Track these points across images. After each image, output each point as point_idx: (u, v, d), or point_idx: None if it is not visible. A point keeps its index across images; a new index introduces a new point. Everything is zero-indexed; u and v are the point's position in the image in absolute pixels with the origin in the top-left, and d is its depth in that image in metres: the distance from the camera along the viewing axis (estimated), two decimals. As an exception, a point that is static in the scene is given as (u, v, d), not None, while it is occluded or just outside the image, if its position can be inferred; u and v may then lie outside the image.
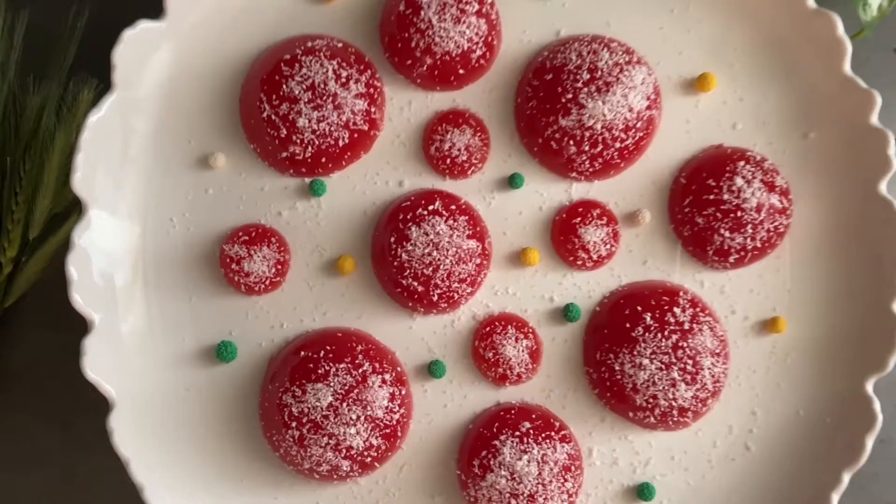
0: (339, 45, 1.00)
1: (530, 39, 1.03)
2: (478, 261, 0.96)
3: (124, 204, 0.88)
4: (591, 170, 0.99)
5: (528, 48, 1.03)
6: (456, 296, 0.96)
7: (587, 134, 0.96)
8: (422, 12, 0.97)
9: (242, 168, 1.00)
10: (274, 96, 0.96)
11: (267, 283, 0.97)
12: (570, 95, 0.96)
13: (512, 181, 1.00)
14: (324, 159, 0.98)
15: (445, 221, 0.94)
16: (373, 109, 0.99)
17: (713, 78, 0.91)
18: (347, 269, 0.98)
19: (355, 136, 0.98)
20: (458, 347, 0.98)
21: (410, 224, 0.94)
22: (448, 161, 0.99)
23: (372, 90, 0.99)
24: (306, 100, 0.95)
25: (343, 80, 0.97)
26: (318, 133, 0.96)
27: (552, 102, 0.97)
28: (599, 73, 0.96)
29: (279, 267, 0.97)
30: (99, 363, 0.82)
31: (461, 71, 0.99)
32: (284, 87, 0.96)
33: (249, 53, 1.01)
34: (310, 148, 0.97)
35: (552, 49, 1.01)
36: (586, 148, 0.97)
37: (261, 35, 1.01)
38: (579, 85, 0.96)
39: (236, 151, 1.00)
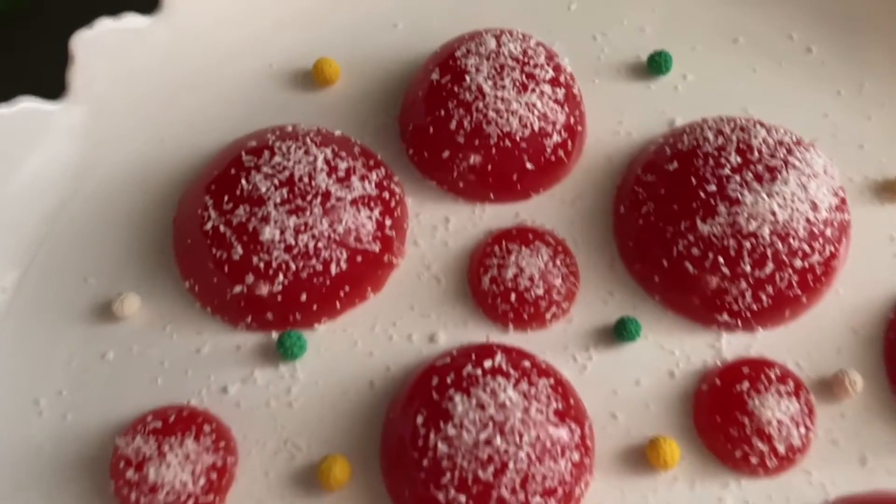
0: (339, 133, 0.65)
1: (630, 131, 0.67)
2: (574, 458, 0.54)
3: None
4: (753, 308, 0.60)
5: (627, 142, 0.67)
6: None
7: (746, 245, 0.58)
8: (467, 77, 0.63)
9: (167, 317, 0.62)
10: (227, 197, 0.59)
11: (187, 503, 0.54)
12: (712, 187, 0.59)
13: (620, 331, 0.60)
14: (304, 298, 0.59)
15: (515, 386, 0.53)
16: (387, 223, 0.61)
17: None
18: (337, 480, 0.56)
19: (359, 261, 0.60)
20: None
21: (453, 393, 0.53)
22: (513, 299, 0.61)
23: (387, 195, 0.62)
24: (278, 200, 0.58)
25: (341, 173, 0.61)
26: (295, 252, 0.58)
27: (683, 202, 0.59)
28: (757, 154, 0.59)
29: (213, 478, 0.55)
30: None
31: (529, 166, 0.63)
32: (244, 182, 0.60)
33: (191, 158, 0.66)
34: (281, 277, 0.58)
35: (672, 135, 0.65)
36: (746, 268, 0.57)
37: (215, 131, 0.67)
38: (726, 172, 0.59)
39: (159, 292, 0.62)
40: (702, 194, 0.61)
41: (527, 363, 0.57)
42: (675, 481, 0.58)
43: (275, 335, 0.62)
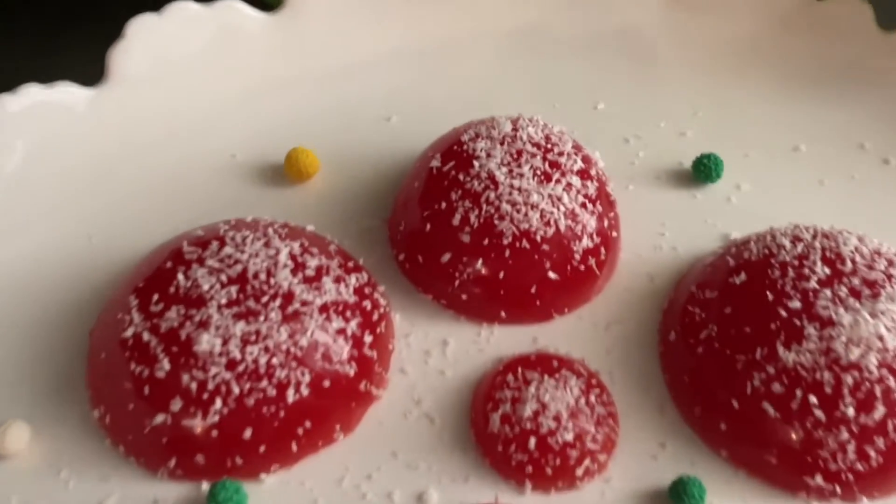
0: (311, 229, 0.51)
1: (675, 246, 0.55)
2: None
3: None
4: (857, 468, 0.45)
5: (672, 258, 0.55)
6: None
7: (847, 380, 0.44)
8: (476, 163, 0.51)
9: (65, 458, 0.47)
10: (156, 297, 0.45)
11: None
12: (795, 304, 0.46)
13: (678, 496, 0.44)
14: (249, 435, 0.44)
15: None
16: (366, 339, 0.46)
17: None
18: None
19: (326, 386, 0.46)
20: None
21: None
22: (532, 447, 0.46)
23: (368, 304, 0.48)
24: (224, 300, 0.44)
25: (309, 272, 0.48)
26: (241, 370, 0.44)
27: (757, 323, 0.46)
28: (850, 265, 0.46)
29: None
30: None
31: (552, 276, 0.51)
32: (181, 277, 0.46)
33: (122, 260, 0.54)
34: (219, 404, 0.43)
35: (733, 245, 0.52)
36: (847, 411, 0.43)
37: (157, 229, 0.56)
38: (813, 284, 0.46)
39: (58, 423, 0.47)
40: (783, 312, 0.47)
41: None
42: None
43: (206, 486, 0.45)
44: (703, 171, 0.60)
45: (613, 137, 0.63)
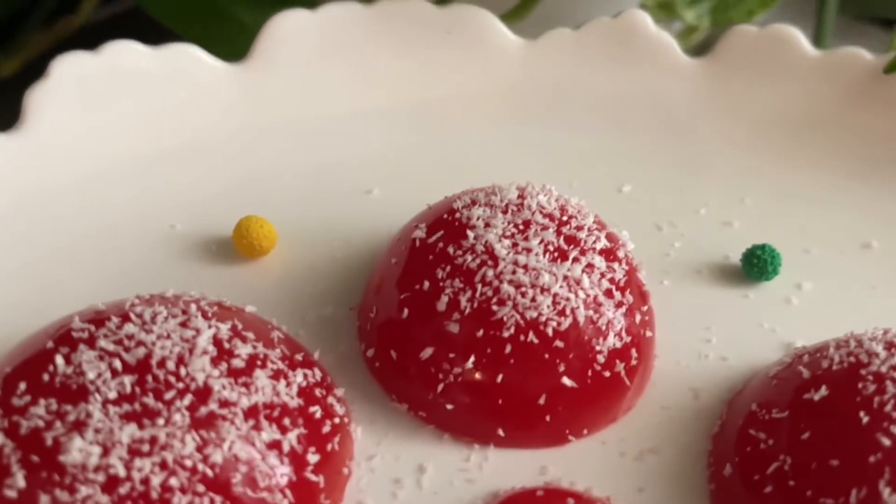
0: (251, 310, 0.39)
1: (725, 356, 0.44)
2: None
3: None
4: None
5: (722, 369, 0.43)
6: None
7: None
8: (470, 234, 0.39)
9: None
10: (23, 385, 0.33)
11: None
12: None
13: None
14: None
15: None
16: (310, 459, 0.35)
17: None
18: None
19: None
20: None
21: None
22: None
23: (318, 412, 0.37)
24: (113, 395, 0.32)
25: (237, 362, 0.36)
26: (123, 493, 0.31)
27: (848, 454, 0.33)
28: None
29: None
30: None
31: (567, 382, 0.39)
32: (60, 362, 0.34)
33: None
34: None
35: (802, 354, 0.40)
36: None
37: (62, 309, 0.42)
38: None
39: None
40: (884, 441, 0.34)
41: None
42: None
43: None
44: (757, 264, 0.48)
45: (643, 224, 0.51)
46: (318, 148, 0.53)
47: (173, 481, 0.32)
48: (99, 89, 0.50)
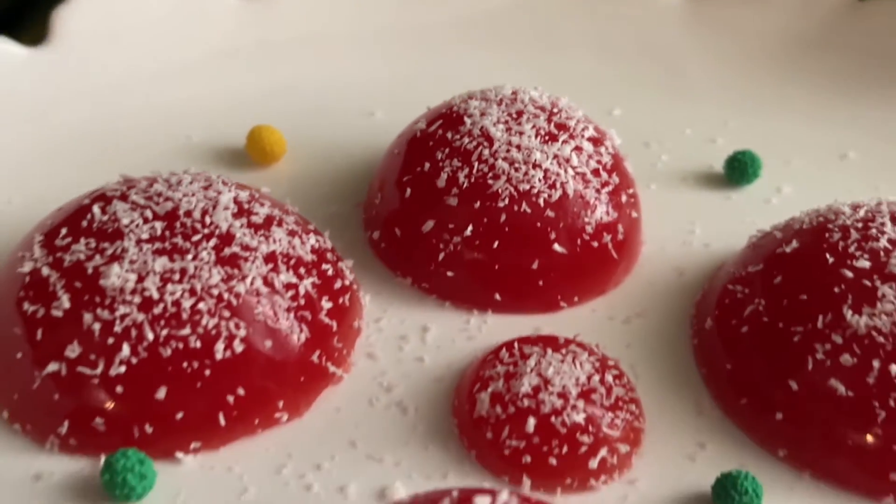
0: (266, 190, 0.45)
1: (707, 242, 0.50)
2: None
3: None
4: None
5: (705, 253, 0.50)
6: None
7: None
8: (467, 121, 0.44)
9: None
10: (64, 231, 0.39)
11: None
12: (863, 263, 0.39)
13: (725, 494, 0.34)
14: (163, 395, 0.35)
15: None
16: (324, 305, 0.39)
17: None
18: None
19: (267, 348, 0.38)
20: None
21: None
22: (530, 429, 0.38)
23: (329, 269, 0.42)
24: (145, 235, 0.37)
25: (256, 219, 0.41)
26: (157, 312, 0.36)
27: (816, 289, 0.39)
28: None
29: None
30: None
31: (558, 248, 0.43)
32: (96, 211, 0.39)
33: None
34: (126, 351, 0.36)
35: (778, 227, 0.44)
36: None
37: None
38: (883, 244, 0.39)
39: None
40: (848, 274, 0.39)
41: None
42: None
43: (102, 460, 0.36)
44: (738, 168, 0.53)
45: (632, 141, 0.56)
46: (325, 67, 0.58)
47: (201, 305, 0.37)
48: (120, 8, 0.55)
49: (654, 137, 0.57)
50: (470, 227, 0.44)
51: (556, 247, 0.44)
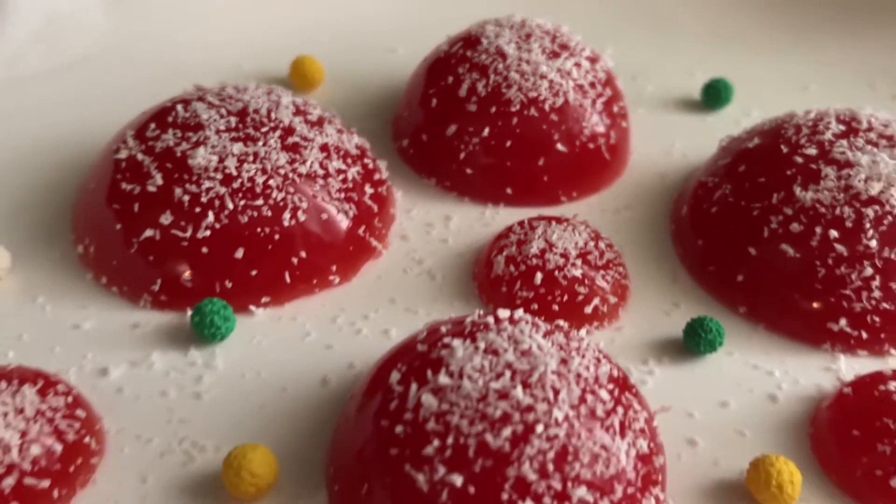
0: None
1: (685, 153, 0.58)
2: (641, 447, 0.35)
3: None
4: (883, 308, 0.43)
5: (683, 163, 0.59)
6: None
7: (868, 214, 0.45)
8: (484, 41, 0.53)
9: (43, 287, 0.47)
10: (153, 125, 0.47)
11: (5, 478, 0.35)
12: (811, 150, 0.48)
13: (694, 334, 0.44)
14: (241, 254, 0.44)
15: (547, 336, 0.36)
16: (367, 190, 0.47)
17: None
18: (254, 484, 0.36)
19: (323, 219, 0.46)
20: None
21: (449, 340, 0.37)
22: (538, 282, 0.46)
23: (370, 163, 0.51)
24: (223, 126, 0.45)
25: (312, 117, 0.49)
26: (236, 186, 0.44)
27: (773, 172, 0.48)
28: (866, 124, 0.50)
29: (56, 455, 0.37)
30: None
31: (560, 147, 0.51)
32: (180, 109, 0.47)
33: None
34: (211, 217, 0.43)
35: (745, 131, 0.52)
36: (870, 245, 0.43)
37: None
38: (829, 137, 0.48)
39: (40, 258, 0.49)
40: (798, 159, 0.47)
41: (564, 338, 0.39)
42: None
43: (189, 313, 0.44)
44: (713, 94, 0.61)
45: (621, 75, 0.64)
46: (360, 4, 0.66)
47: (271, 182, 0.45)
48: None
49: (640, 71, 0.65)
50: (487, 129, 0.52)
51: (559, 146, 0.52)
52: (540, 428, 0.34)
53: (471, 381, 0.35)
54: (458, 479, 0.33)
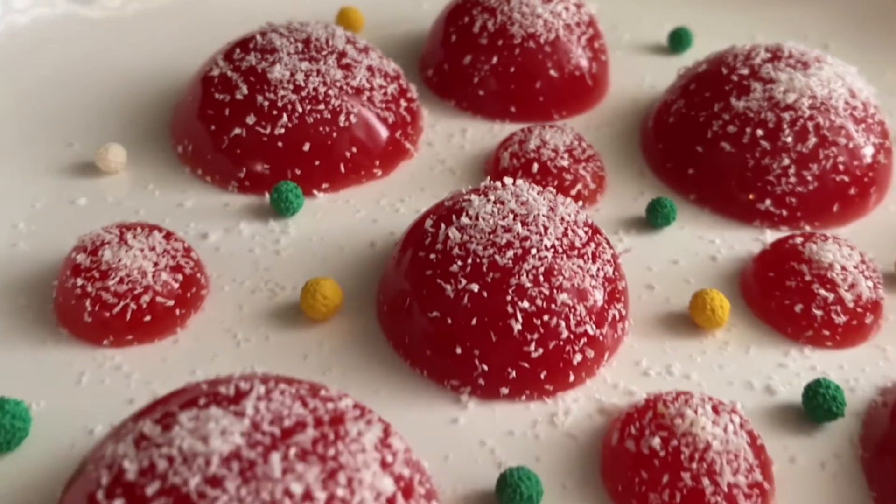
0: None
1: (654, 86, 0.71)
2: (608, 271, 0.48)
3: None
4: (798, 191, 0.56)
5: (651, 93, 0.70)
6: (568, 353, 0.46)
7: (785, 117, 0.57)
8: (490, -6, 0.64)
9: (152, 178, 0.60)
10: (238, 50, 0.59)
11: (142, 296, 0.48)
12: (744, 70, 0.60)
13: (654, 211, 0.57)
14: (308, 147, 0.57)
15: (540, 193, 0.49)
16: (402, 103, 0.60)
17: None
18: (325, 305, 0.49)
19: (370, 121, 0.58)
20: (567, 464, 0.44)
21: (468, 196, 0.49)
22: (535, 170, 0.58)
23: (404, 83, 0.63)
24: (292, 50, 0.58)
25: (359, 45, 0.61)
26: (304, 94, 0.57)
27: (715, 88, 0.60)
28: (788, 53, 0.61)
29: (178, 282, 0.50)
30: None
31: (553, 73, 0.63)
32: (258, 38, 0.60)
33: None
34: (285, 118, 0.57)
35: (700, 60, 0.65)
36: (787, 140, 0.56)
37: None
38: (758, 61, 0.60)
39: (148, 157, 0.61)
40: (734, 78, 0.60)
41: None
42: (726, 346, 0.51)
43: (268, 197, 0.57)
44: (677, 40, 0.74)
45: (602, 24, 0.76)
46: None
47: (330, 92, 0.57)
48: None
49: (618, 22, 0.77)
50: (495, 59, 0.64)
51: (551, 73, 0.64)
52: (534, 251, 0.46)
53: (484, 220, 0.47)
54: (475, 287, 0.46)
